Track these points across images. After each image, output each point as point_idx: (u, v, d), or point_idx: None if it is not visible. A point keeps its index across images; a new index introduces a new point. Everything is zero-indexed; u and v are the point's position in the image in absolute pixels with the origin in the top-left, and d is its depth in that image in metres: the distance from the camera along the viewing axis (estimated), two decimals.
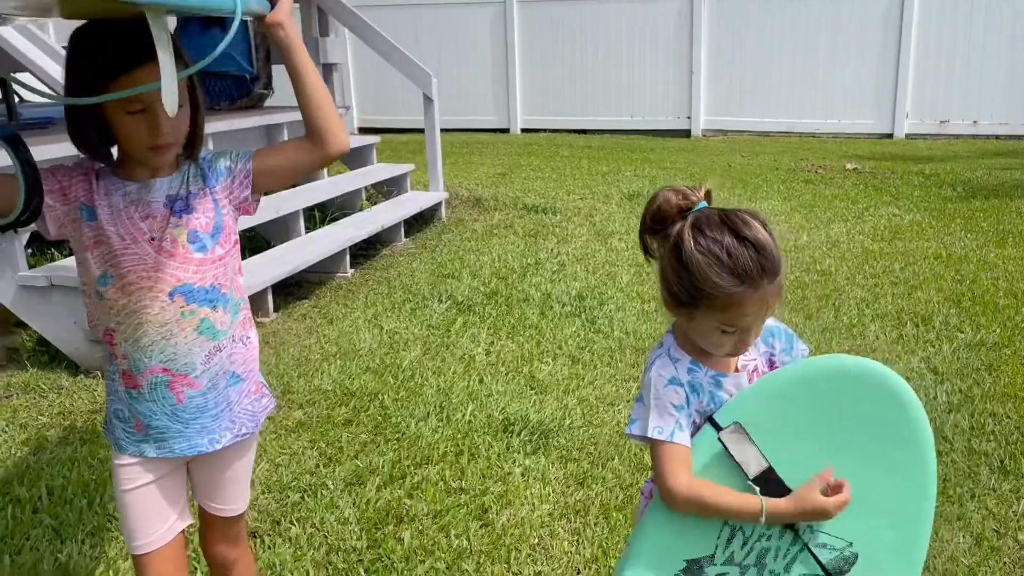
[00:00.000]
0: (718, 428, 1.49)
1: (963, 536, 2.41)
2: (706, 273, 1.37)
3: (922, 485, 1.51)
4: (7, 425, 3.11)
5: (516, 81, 11.80)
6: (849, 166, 8.46)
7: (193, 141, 1.56)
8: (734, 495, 1.44)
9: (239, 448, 1.69)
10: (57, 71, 5.84)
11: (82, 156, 1.55)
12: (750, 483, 1.46)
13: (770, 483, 1.45)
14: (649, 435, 1.45)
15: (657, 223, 1.49)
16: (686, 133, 11.23)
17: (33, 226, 1.52)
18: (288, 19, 1.49)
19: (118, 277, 1.53)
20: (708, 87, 11.14)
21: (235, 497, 1.74)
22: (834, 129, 10.80)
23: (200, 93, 1.57)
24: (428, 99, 6.37)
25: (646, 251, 1.52)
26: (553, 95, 11.77)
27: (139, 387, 1.57)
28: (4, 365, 3.72)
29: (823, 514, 1.43)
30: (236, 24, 1.32)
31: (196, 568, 2.20)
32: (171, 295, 1.54)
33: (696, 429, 1.49)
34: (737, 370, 1.53)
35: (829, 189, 7.40)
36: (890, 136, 10.58)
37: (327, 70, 6.71)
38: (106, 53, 1.41)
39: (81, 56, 1.45)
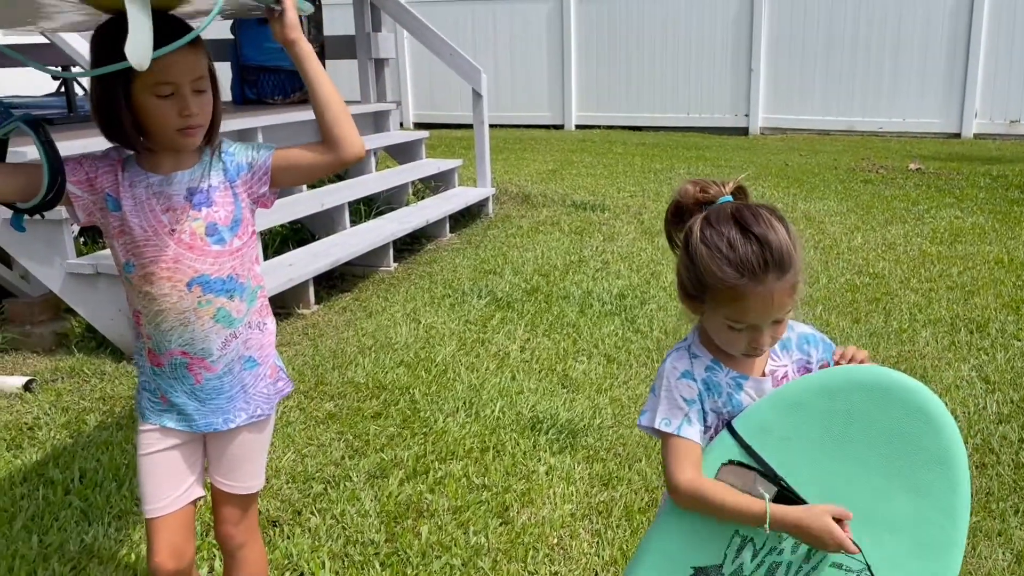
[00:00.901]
0: (735, 435, 1.44)
1: (1003, 553, 2.29)
2: (707, 264, 1.36)
3: (951, 510, 1.41)
4: (50, 408, 3.20)
5: (571, 77, 11.73)
6: (912, 166, 8.19)
7: (212, 128, 1.61)
8: (736, 494, 1.39)
9: (254, 427, 1.74)
10: None
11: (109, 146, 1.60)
12: (763, 494, 1.41)
13: (783, 495, 1.40)
14: (656, 426, 1.44)
15: (676, 215, 1.52)
16: (743, 131, 11.02)
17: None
18: (299, 33, 1.57)
19: (140, 266, 1.60)
20: (767, 84, 10.91)
21: (246, 475, 1.76)
22: (898, 128, 10.47)
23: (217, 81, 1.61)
24: (477, 94, 6.37)
25: (672, 244, 1.52)
26: (608, 91, 11.67)
27: (161, 365, 1.66)
28: (53, 350, 3.83)
29: (824, 541, 1.35)
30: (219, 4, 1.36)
31: (215, 555, 2.23)
32: (189, 285, 1.60)
33: (713, 431, 1.46)
34: (764, 375, 1.48)
35: (889, 190, 7.17)
36: (957, 136, 10.21)
37: (378, 65, 6.76)
38: None
39: (114, 45, 1.46)
